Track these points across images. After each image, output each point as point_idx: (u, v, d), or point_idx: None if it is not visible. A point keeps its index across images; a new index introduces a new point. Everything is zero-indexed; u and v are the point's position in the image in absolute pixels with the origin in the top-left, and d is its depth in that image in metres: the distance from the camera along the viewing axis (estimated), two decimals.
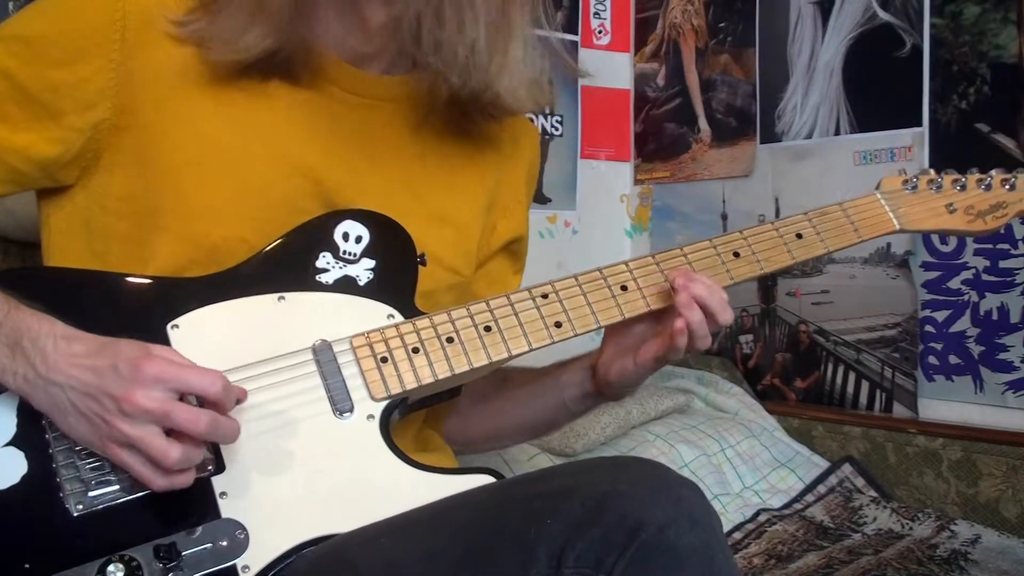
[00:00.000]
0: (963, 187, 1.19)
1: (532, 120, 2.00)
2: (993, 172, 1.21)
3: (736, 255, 1.08)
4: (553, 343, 1.01)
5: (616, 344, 1.09)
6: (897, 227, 1.17)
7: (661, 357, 1.05)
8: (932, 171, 1.20)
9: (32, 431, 0.88)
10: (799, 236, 1.10)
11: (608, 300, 1.03)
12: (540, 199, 2.43)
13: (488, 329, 0.99)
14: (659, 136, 2.57)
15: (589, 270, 1.04)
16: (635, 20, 2.62)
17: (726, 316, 1.02)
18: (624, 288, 1.04)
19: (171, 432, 0.83)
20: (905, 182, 1.19)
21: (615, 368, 1.08)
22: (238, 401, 0.89)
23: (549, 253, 2.41)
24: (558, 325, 1.01)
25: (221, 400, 0.85)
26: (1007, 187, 1.20)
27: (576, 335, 1.02)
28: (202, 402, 0.85)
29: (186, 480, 0.85)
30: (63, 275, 0.99)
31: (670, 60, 2.53)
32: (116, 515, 0.86)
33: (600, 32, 2.57)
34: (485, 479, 0.95)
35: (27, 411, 0.88)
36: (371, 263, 0.99)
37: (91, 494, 0.86)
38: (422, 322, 0.98)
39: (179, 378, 0.83)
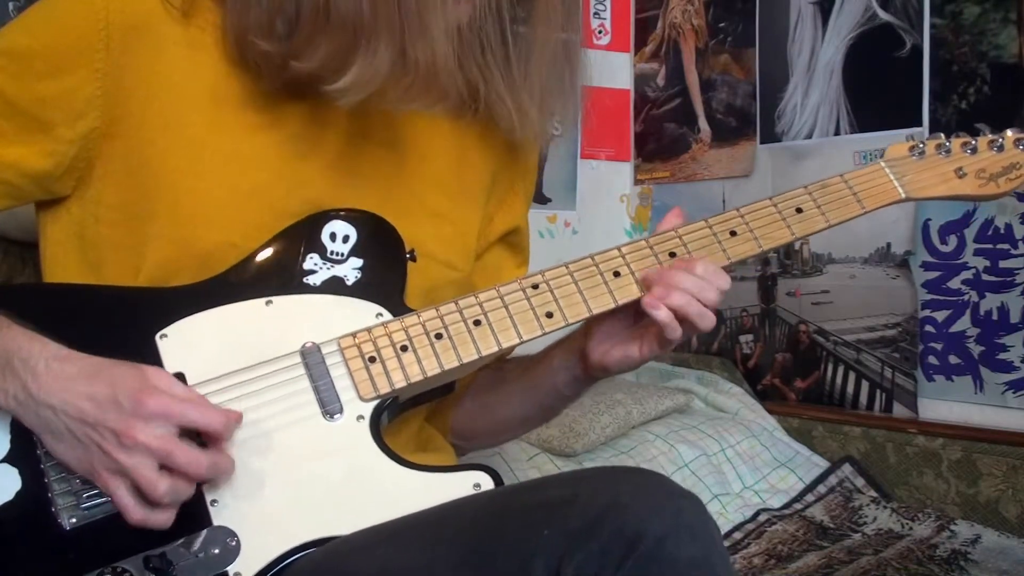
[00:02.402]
0: (974, 150, 1.13)
1: None
2: (1007, 132, 1.15)
3: (733, 234, 1.05)
4: (544, 334, 1.00)
5: (608, 329, 1.06)
6: (903, 195, 1.11)
7: (664, 342, 1.02)
8: (942, 135, 1.15)
9: (24, 447, 0.88)
10: (799, 211, 1.07)
11: (600, 287, 1.01)
12: (540, 199, 2.42)
13: (477, 323, 0.98)
14: (659, 136, 2.56)
15: (581, 257, 1.03)
16: (635, 20, 2.62)
17: (705, 323, 0.98)
18: (617, 274, 1.02)
19: (164, 466, 0.83)
20: (912, 148, 1.13)
21: (614, 357, 1.05)
22: None
23: (549, 253, 2.39)
24: (549, 315, 1.00)
25: (223, 437, 0.86)
26: (1021, 147, 1.14)
27: (568, 324, 1.01)
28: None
29: (165, 520, 0.85)
30: (50, 291, 0.99)
31: (670, 60, 2.53)
32: (108, 527, 0.86)
33: (600, 32, 2.57)
34: (478, 475, 0.95)
35: (19, 427, 0.88)
36: (359, 262, 0.99)
37: (83, 507, 0.87)
38: (410, 319, 0.97)
39: (182, 414, 0.84)
